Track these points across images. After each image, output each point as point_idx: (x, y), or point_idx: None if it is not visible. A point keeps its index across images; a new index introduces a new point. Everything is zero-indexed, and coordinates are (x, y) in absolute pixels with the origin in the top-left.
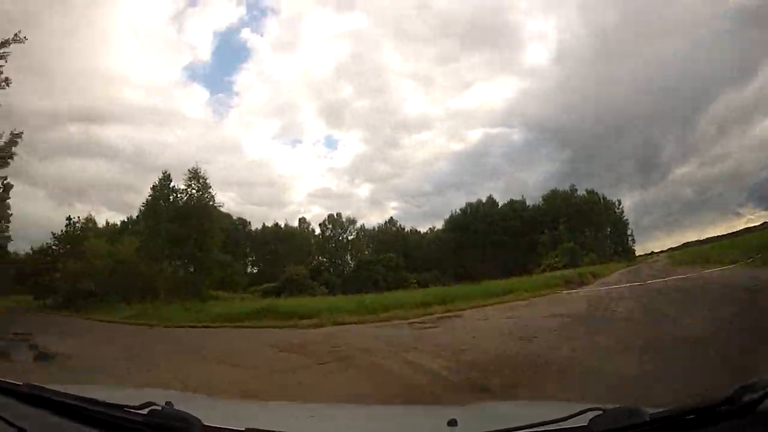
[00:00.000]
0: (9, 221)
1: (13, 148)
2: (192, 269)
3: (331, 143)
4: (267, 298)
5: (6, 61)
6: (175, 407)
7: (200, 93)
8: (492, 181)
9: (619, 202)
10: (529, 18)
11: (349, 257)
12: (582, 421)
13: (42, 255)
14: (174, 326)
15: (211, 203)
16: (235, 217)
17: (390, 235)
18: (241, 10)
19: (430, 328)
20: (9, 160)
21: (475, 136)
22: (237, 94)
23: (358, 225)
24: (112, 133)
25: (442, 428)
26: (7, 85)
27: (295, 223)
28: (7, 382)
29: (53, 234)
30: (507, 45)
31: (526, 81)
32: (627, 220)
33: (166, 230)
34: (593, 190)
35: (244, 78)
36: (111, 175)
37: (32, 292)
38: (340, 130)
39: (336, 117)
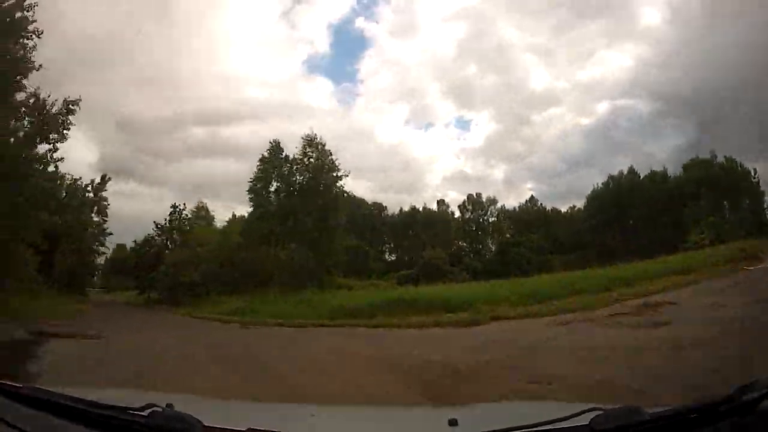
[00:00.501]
0: (107, 216)
1: (70, 117)
2: (311, 253)
3: (462, 124)
4: (402, 286)
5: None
6: (176, 409)
7: (324, 84)
8: (621, 156)
9: (755, 171)
10: None
11: (490, 241)
12: (583, 420)
13: (145, 246)
14: (275, 323)
15: (333, 174)
16: (370, 202)
17: (532, 214)
18: (351, 1)
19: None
20: (65, 131)
21: (601, 108)
22: (361, 82)
23: (498, 206)
24: (239, 132)
25: (442, 428)
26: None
27: (434, 207)
28: (8, 384)
29: (155, 223)
30: (621, 10)
31: (644, 47)
32: (763, 191)
33: (279, 206)
34: (731, 157)
35: (366, 66)
36: (242, 172)
37: (136, 286)
38: (471, 111)
39: (464, 97)
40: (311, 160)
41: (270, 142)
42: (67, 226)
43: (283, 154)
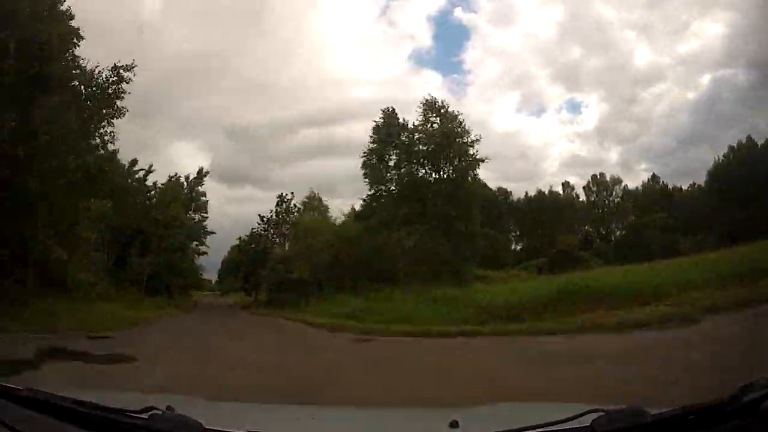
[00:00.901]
0: (206, 212)
1: (123, 84)
2: (444, 238)
3: (572, 108)
4: (541, 275)
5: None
6: (176, 411)
7: (432, 77)
8: (730, 129)
9: None
10: None
11: (615, 223)
12: (584, 422)
13: (250, 242)
14: (402, 332)
15: (465, 140)
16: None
17: (654, 194)
18: None
19: None
20: (116, 101)
21: (704, 81)
22: (469, 72)
23: (621, 186)
24: (353, 130)
25: (443, 430)
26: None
27: (559, 190)
28: (7, 386)
29: (260, 216)
30: None
31: (737, 13)
32: None
33: (400, 182)
34: None
35: (471, 56)
36: (358, 170)
37: (242, 286)
38: (580, 93)
39: (572, 80)
40: (434, 125)
41: (382, 110)
42: (151, 222)
43: (401, 120)
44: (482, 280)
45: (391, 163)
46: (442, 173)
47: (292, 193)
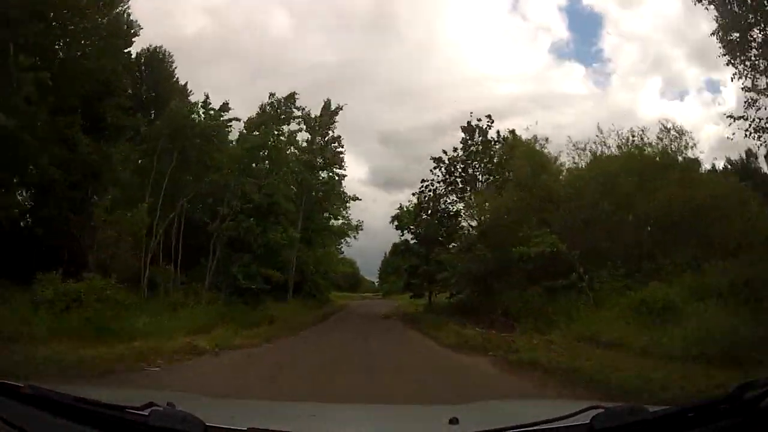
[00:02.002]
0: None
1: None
2: None
3: (713, 87)
4: None
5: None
6: (177, 408)
7: (575, 68)
8: None
9: None
10: None
11: None
12: (584, 419)
13: (423, 204)
14: None
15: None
16: None
17: None
18: None
19: None
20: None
21: None
22: (609, 60)
23: None
24: (502, 128)
25: (443, 427)
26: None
27: None
28: (8, 383)
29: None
30: None
31: None
32: None
33: None
34: None
35: (608, 43)
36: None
37: (408, 285)
38: (717, 71)
39: (706, 57)
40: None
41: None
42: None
43: None
44: None
45: None
46: None
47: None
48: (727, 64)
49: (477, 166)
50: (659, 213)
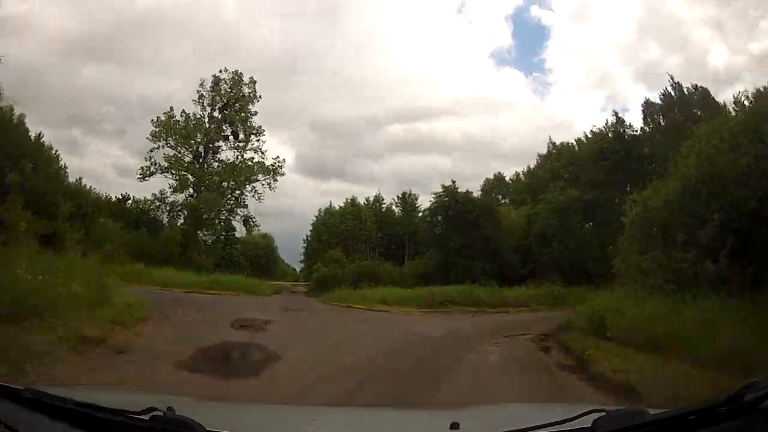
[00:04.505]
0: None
1: None
2: None
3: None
4: None
5: None
6: (177, 412)
7: (514, 75)
8: None
9: None
10: None
11: None
12: (585, 422)
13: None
14: None
15: None
16: None
17: None
18: None
19: None
20: None
21: None
22: (551, 71)
23: None
24: (439, 127)
25: (444, 431)
26: None
27: None
28: (8, 386)
29: None
30: None
31: None
32: None
33: None
34: None
35: (552, 54)
36: (448, 165)
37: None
38: (658, 93)
39: (652, 79)
40: None
41: None
42: None
43: None
44: None
45: None
46: None
47: None
48: None
49: None
50: None
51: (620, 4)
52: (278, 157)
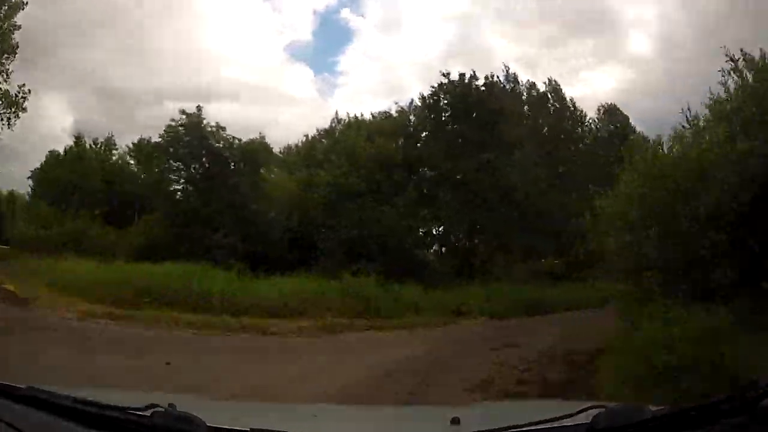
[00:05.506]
0: None
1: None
2: None
3: None
4: None
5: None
6: (179, 409)
7: (304, 72)
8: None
9: None
10: (629, 4)
11: None
12: (584, 418)
13: None
14: None
15: None
16: None
17: None
18: None
19: None
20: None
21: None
22: (342, 73)
23: None
24: (220, 110)
25: (444, 427)
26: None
27: None
28: (8, 384)
29: None
30: (610, 32)
31: (631, 72)
32: None
33: None
34: None
35: (349, 58)
36: None
37: None
38: None
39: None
40: None
41: None
42: None
43: None
44: None
45: None
46: None
47: None
48: None
49: None
50: None
51: (433, 24)
52: (24, 85)
